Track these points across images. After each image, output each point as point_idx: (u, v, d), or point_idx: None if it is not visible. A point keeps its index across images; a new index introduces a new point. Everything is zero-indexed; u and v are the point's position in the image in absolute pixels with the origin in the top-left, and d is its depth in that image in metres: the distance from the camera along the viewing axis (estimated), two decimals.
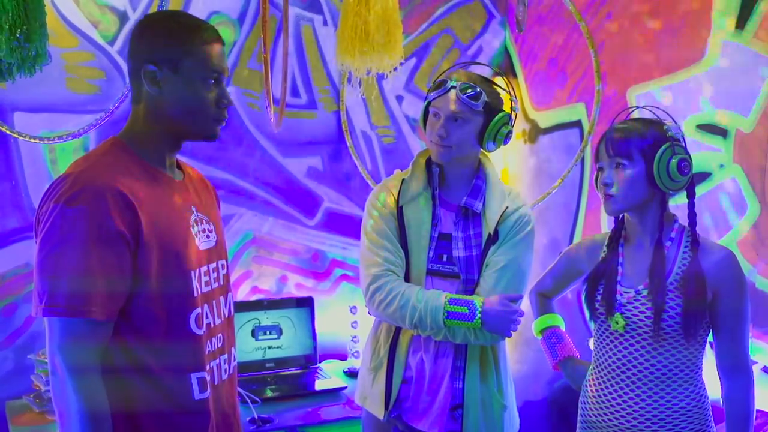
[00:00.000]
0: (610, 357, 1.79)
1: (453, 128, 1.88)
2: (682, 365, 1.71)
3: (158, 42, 1.43)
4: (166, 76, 1.42)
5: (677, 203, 1.80)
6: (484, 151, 2.00)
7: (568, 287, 2.03)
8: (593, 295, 1.82)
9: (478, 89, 1.87)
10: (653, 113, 1.77)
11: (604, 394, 1.79)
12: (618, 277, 1.78)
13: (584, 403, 1.86)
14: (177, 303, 1.42)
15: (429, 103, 1.94)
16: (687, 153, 1.70)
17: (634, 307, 1.73)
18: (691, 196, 1.75)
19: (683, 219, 1.77)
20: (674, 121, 1.75)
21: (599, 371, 1.82)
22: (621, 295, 1.76)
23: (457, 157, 1.91)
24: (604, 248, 1.85)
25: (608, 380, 1.78)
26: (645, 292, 1.72)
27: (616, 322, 1.75)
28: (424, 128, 1.98)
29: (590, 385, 1.84)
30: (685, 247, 1.72)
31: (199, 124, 1.46)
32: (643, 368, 1.73)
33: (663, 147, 1.67)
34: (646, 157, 1.68)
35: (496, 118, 1.89)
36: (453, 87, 1.87)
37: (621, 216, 1.82)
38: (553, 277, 2.02)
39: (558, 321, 2.02)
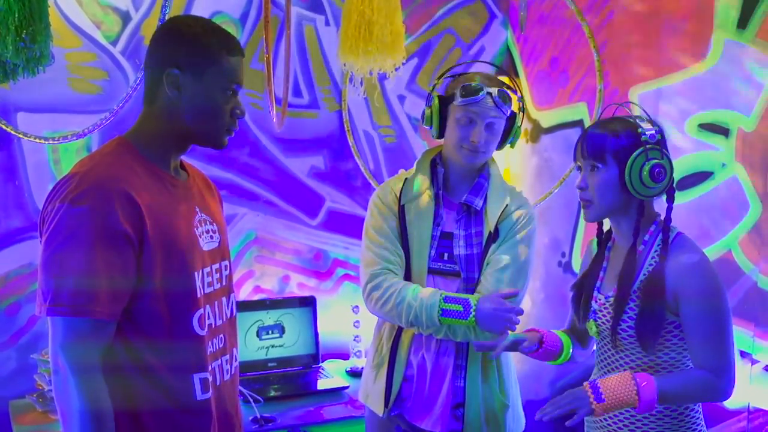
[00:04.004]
0: (596, 359, 1.81)
1: (488, 135, 1.90)
2: (655, 372, 1.66)
3: (185, 47, 1.43)
4: (187, 82, 1.43)
5: (679, 202, 1.79)
6: None
7: None
8: (578, 301, 1.81)
9: (509, 95, 1.90)
10: (632, 112, 1.73)
11: None
12: (597, 282, 1.76)
13: None
14: (180, 303, 1.43)
15: (456, 106, 1.90)
16: (664, 157, 1.62)
17: (602, 315, 1.72)
18: (669, 200, 1.67)
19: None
20: (653, 122, 1.67)
21: (594, 372, 1.84)
22: (595, 301, 1.74)
23: (483, 160, 1.94)
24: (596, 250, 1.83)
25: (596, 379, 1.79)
26: (612, 299, 1.69)
27: (591, 328, 1.75)
28: (441, 128, 1.96)
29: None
30: (655, 251, 1.67)
31: (211, 132, 1.48)
32: (614, 372, 1.70)
33: (636, 152, 1.60)
34: (619, 162, 1.62)
35: (517, 120, 1.94)
36: (489, 93, 1.87)
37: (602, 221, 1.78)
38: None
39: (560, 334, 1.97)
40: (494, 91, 1.87)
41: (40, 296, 1.34)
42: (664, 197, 1.69)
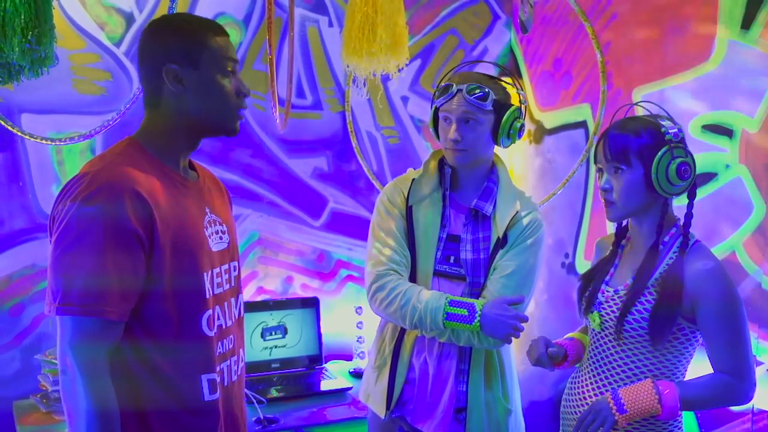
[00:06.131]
0: (588, 353, 1.80)
1: (466, 131, 1.88)
2: (650, 372, 1.67)
3: (175, 41, 1.44)
4: (187, 73, 1.43)
5: (680, 203, 1.79)
6: (497, 153, 2.01)
7: None
8: (584, 291, 1.82)
9: (486, 88, 1.87)
10: (650, 111, 1.73)
11: (575, 387, 1.80)
12: (607, 276, 1.77)
13: (564, 396, 1.87)
14: (189, 304, 1.43)
15: (437, 109, 1.94)
16: (688, 154, 1.64)
17: (608, 306, 1.72)
18: (691, 197, 1.69)
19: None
20: (672, 120, 1.69)
21: (579, 366, 1.84)
22: (603, 293, 1.75)
23: (474, 159, 1.92)
24: (610, 247, 1.84)
25: (583, 376, 1.79)
26: (622, 293, 1.70)
27: (593, 320, 1.75)
28: (436, 133, 1.98)
29: (570, 379, 1.85)
30: (674, 251, 1.68)
31: (222, 117, 1.48)
32: (611, 367, 1.72)
33: (661, 151, 1.61)
34: (644, 162, 1.62)
35: (508, 113, 1.89)
36: (459, 90, 1.87)
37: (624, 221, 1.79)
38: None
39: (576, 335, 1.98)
40: (464, 87, 1.87)
41: (49, 295, 1.34)
42: (685, 196, 1.70)
